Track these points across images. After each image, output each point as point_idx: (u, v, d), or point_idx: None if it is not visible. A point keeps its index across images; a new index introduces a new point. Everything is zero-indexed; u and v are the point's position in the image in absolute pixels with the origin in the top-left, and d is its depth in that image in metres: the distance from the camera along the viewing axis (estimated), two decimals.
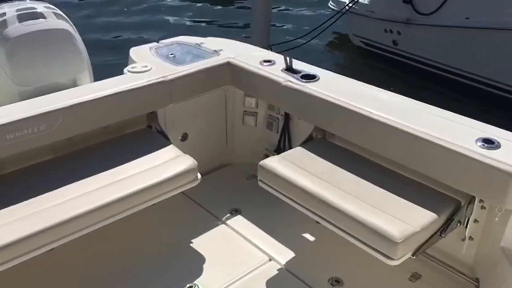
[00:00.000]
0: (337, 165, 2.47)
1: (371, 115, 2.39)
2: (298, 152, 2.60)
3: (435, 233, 2.17)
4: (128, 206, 2.31)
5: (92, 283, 2.41)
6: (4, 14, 2.72)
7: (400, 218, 2.09)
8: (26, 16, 2.74)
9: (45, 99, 2.51)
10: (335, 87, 2.66)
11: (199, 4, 10.81)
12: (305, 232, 2.73)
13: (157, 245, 2.66)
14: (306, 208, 2.32)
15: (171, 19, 9.86)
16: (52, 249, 2.19)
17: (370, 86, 2.72)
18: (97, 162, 2.49)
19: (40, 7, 2.84)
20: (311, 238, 2.70)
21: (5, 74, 2.67)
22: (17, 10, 2.76)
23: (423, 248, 2.14)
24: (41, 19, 2.78)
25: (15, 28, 2.67)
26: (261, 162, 2.50)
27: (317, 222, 2.34)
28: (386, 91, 2.66)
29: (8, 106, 2.49)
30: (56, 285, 2.42)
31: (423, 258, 2.48)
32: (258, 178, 2.53)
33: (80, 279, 2.44)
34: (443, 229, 2.18)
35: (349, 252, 2.50)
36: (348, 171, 2.42)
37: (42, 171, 2.43)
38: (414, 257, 2.12)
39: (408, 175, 2.39)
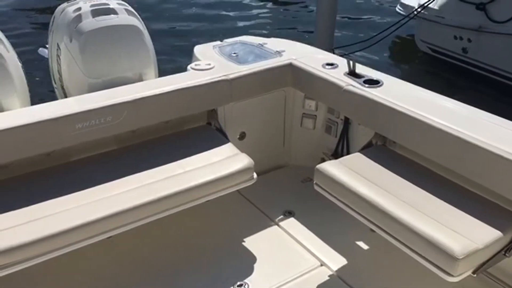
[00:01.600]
0: (396, 173, 2.40)
1: (435, 124, 2.30)
2: (357, 158, 2.54)
3: (499, 252, 2.05)
4: (184, 200, 2.35)
5: (146, 272, 2.48)
6: (80, 9, 2.85)
7: (462, 234, 2.00)
8: (100, 11, 2.85)
9: (112, 92, 2.61)
10: (399, 94, 2.58)
11: (263, 4, 10.87)
12: (359, 240, 2.67)
13: (210, 241, 2.69)
14: (361, 215, 2.27)
15: (235, 18, 9.97)
16: (110, 237, 2.27)
17: (435, 93, 2.62)
18: (156, 156, 2.56)
19: (113, 3, 2.95)
20: (364, 246, 2.64)
21: (77, 66, 2.80)
22: (92, 6, 2.88)
23: (485, 266, 2.03)
24: (113, 15, 2.88)
25: (89, 23, 2.79)
26: (319, 166, 2.47)
27: (372, 230, 2.29)
28: (452, 100, 2.55)
29: (78, 97, 2.62)
30: (113, 271, 2.51)
31: (484, 277, 2.35)
32: (314, 182, 2.50)
33: (134, 268, 2.52)
34: (508, 248, 2.06)
35: (403, 264, 2.42)
36: (408, 180, 2.35)
37: (105, 161, 2.53)
38: (475, 275, 2.02)
39: (473, 189, 2.28)
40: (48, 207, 2.16)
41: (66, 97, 2.95)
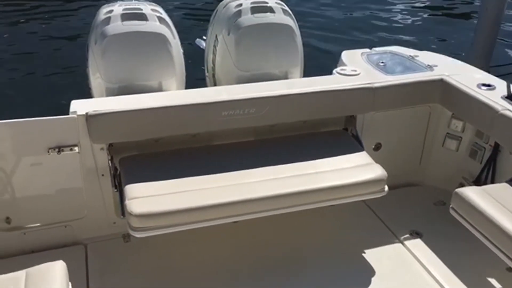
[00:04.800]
0: None
1: None
2: (503, 189, 2.33)
3: None
4: (311, 200, 2.38)
5: (262, 263, 2.57)
6: (241, 5, 3.02)
7: None
8: (258, 9, 2.99)
9: (259, 86, 2.73)
10: None
11: (418, 15, 10.42)
12: (491, 277, 2.45)
13: (329, 245, 2.69)
14: (500, 251, 2.08)
15: (386, 27, 9.72)
16: (236, 221, 2.39)
17: None
18: (291, 152, 2.61)
19: (272, 2, 3.07)
20: (497, 285, 2.41)
21: (230, 57, 2.98)
22: (252, 3, 3.03)
23: None
24: (270, 13, 3.01)
25: (247, 19, 2.94)
26: (458, 190, 2.31)
27: (509, 270, 2.08)
28: None
29: (227, 86, 2.78)
30: (233, 254, 2.64)
31: None
32: (451, 206, 2.35)
33: (252, 255, 2.62)
34: None
35: None
36: None
37: (243, 150, 2.66)
38: None
39: None
40: (189, 183, 2.34)
41: (215, 85, 3.16)
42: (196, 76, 3.43)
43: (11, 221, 2.55)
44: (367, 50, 3.37)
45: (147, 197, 2.23)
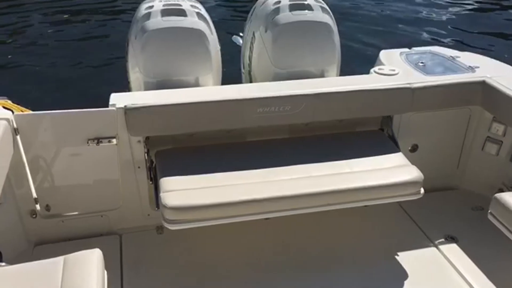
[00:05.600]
0: None
1: None
2: None
3: None
4: (345, 199, 2.36)
5: (293, 260, 2.57)
6: (279, 2, 3.02)
7: None
8: (296, 6, 2.98)
9: (295, 83, 2.73)
10: None
11: (462, 15, 10.15)
12: None
13: (362, 245, 2.66)
14: None
15: (428, 27, 9.51)
16: (268, 218, 2.39)
17: None
18: (326, 151, 2.60)
19: (311, 0, 3.06)
20: None
21: (267, 54, 2.98)
22: (290, 0, 3.02)
23: None
24: (307, 11, 3.00)
25: (285, 16, 2.93)
26: (499, 195, 2.25)
27: None
28: None
29: (264, 83, 2.79)
30: (264, 250, 2.65)
31: None
32: (489, 211, 2.28)
33: (283, 253, 2.62)
34: None
35: None
36: None
37: (277, 147, 2.66)
38: None
39: None
40: (222, 178, 2.36)
41: (251, 82, 3.17)
42: (232, 72, 3.46)
43: (50, 209, 2.63)
44: (406, 49, 3.31)
45: (182, 190, 2.26)
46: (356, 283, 2.42)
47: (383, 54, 3.25)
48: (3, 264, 2.12)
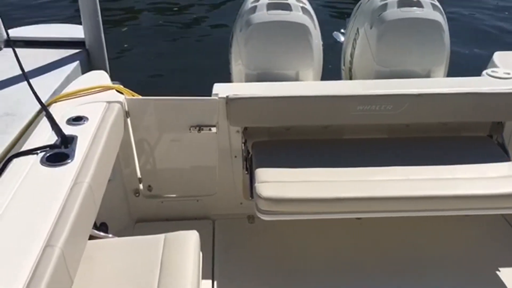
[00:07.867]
0: None
1: None
2: None
3: None
4: (444, 207, 2.25)
5: (378, 261, 2.51)
6: None
7: None
8: (406, 3, 2.87)
9: (398, 82, 2.64)
10: None
11: None
12: None
13: (457, 258, 2.53)
14: None
15: None
16: (359, 218, 2.35)
17: None
18: (426, 155, 2.49)
19: None
20: None
21: (370, 52, 2.91)
22: None
23: None
24: (416, 7, 2.87)
25: (393, 13, 2.84)
26: None
27: None
28: None
29: (365, 80, 2.73)
30: (352, 249, 2.61)
31: None
32: None
33: (371, 253, 2.57)
34: None
35: None
36: None
37: (375, 147, 2.60)
38: None
39: None
40: (317, 173, 2.36)
41: (351, 79, 3.12)
42: (331, 68, 3.43)
43: (152, 189, 2.80)
44: None
45: (276, 182, 2.30)
46: None
47: (498, 56, 3.03)
48: (110, 236, 2.31)
